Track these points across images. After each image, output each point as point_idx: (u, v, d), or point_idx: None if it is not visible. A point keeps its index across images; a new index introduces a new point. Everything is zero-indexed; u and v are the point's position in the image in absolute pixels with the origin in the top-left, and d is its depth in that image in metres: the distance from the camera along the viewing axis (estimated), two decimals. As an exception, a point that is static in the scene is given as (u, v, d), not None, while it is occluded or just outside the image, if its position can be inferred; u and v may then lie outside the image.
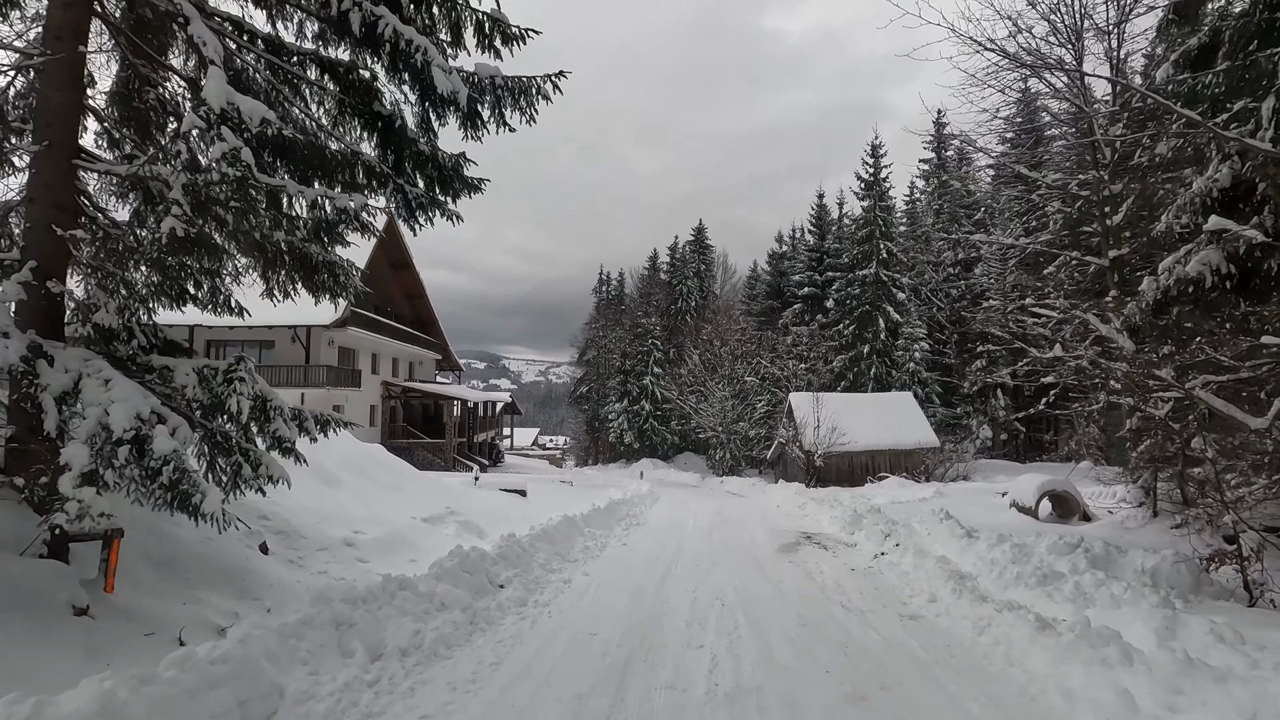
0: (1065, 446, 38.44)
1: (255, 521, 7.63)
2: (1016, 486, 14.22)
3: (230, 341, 28.40)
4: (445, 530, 11.05)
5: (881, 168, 37.38)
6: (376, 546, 8.57)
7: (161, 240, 4.72)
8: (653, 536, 12.46)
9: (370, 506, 10.65)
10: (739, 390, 39.37)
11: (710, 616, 6.34)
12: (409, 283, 38.69)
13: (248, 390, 5.32)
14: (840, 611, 6.44)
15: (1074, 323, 11.93)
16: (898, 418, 29.42)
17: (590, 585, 7.68)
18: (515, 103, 6.21)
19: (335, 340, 29.22)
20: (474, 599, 6.13)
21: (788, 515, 17.30)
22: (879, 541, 10.32)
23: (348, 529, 8.83)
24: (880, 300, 36.49)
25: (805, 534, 12.84)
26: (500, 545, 7.94)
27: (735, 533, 13.24)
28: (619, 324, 55.43)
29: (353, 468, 12.35)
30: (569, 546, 9.83)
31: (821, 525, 14.25)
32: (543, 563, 8.19)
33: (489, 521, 12.80)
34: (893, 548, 9.68)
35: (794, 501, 20.62)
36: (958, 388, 41.09)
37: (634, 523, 14.57)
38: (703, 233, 55.74)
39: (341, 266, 6.76)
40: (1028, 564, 7.02)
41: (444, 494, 14.03)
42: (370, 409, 33.47)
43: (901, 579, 7.95)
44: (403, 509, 11.34)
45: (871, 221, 36.84)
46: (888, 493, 21.65)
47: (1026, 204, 13.87)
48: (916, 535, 10.20)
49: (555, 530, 9.92)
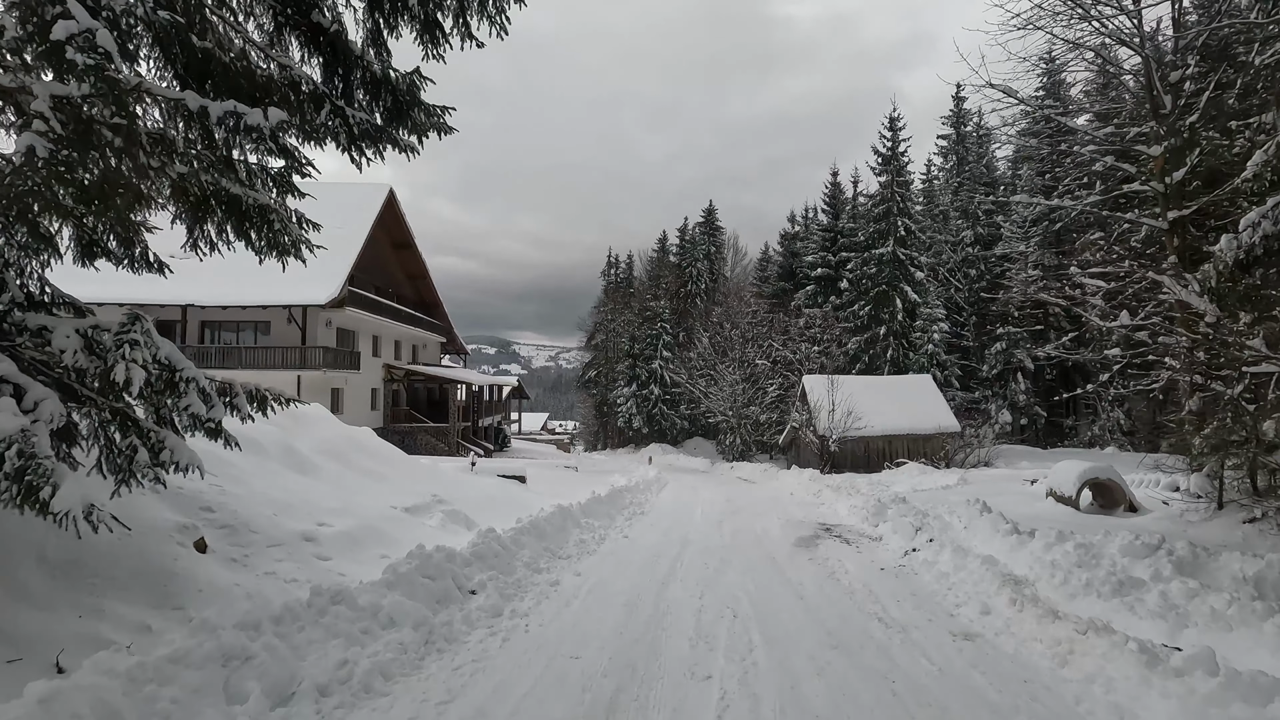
0: (1088, 431, 37.26)
1: (196, 515, 6.63)
2: (1054, 474, 13.04)
3: (225, 323, 27.56)
4: (428, 521, 10.06)
5: (900, 141, 35.83)
6: (342, 541, 7.56)
7: (15, 162, 3.66)
8: (657, 528, 11.42)
9: (345, 495, 9.67)
10: (750, 374, 38.19)
11: (720, 632, 5.28)
12: (411, 263, 37.68)
13: (143, 356, 4.26)
14: (877, 627, 5.35)
15: (1129, 290, 10.67)
16: (916, 401, 28.19)
17: (581, 589, 6.63)
18: (481, 8, 5.08)
19: (333, 321, 28.27)
20: (434, 611, 5.10)
21: (803, 504, 16.22)
22: (908, 536, 9.22)
23: (311, 521, 7.83)
24: (897, 280, 35.10)
25: (824, 525, 11.76)
26: (476, 542, 6.90)
27: (747, 523, 12.18)
28: (628, 307, 54.21)
29: (331, 453, 11.38)
30: (562, 541, 8.79)
31: (841, 515, 13.17)
32: (528, 561, 7.15)
33: (480, 511, 11.83)
34: (925, 543, 8.58)
35: (808, 489, 19.55)
36: (975, 371, 39.77)
37: (638, 512, 13.54)
38: (713, 214, 54.26)
39: (278, 214, 5.66)
40: (1097, 568, 5.91)
41: (434, 481, 13.06)
42: (371, 392, 32.60)
43: (941, 582, 6.86)
44: (383, 497, 10.35)
45: (889, 198, 35.35)
46: (908, 480, 20.52)
47: (1071, 163, 12.55)
48: (952, 529, 9.10)
49: (547, 522, 8.89)
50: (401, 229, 35.28)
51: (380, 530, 8.46)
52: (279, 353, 25.91)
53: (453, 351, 48.17)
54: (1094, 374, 37.71)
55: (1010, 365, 38.19)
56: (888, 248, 35.06)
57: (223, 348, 26.02)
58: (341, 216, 31.08)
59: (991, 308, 39.63)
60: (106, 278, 24.54)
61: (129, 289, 25.96)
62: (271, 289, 26.15)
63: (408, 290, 38.11)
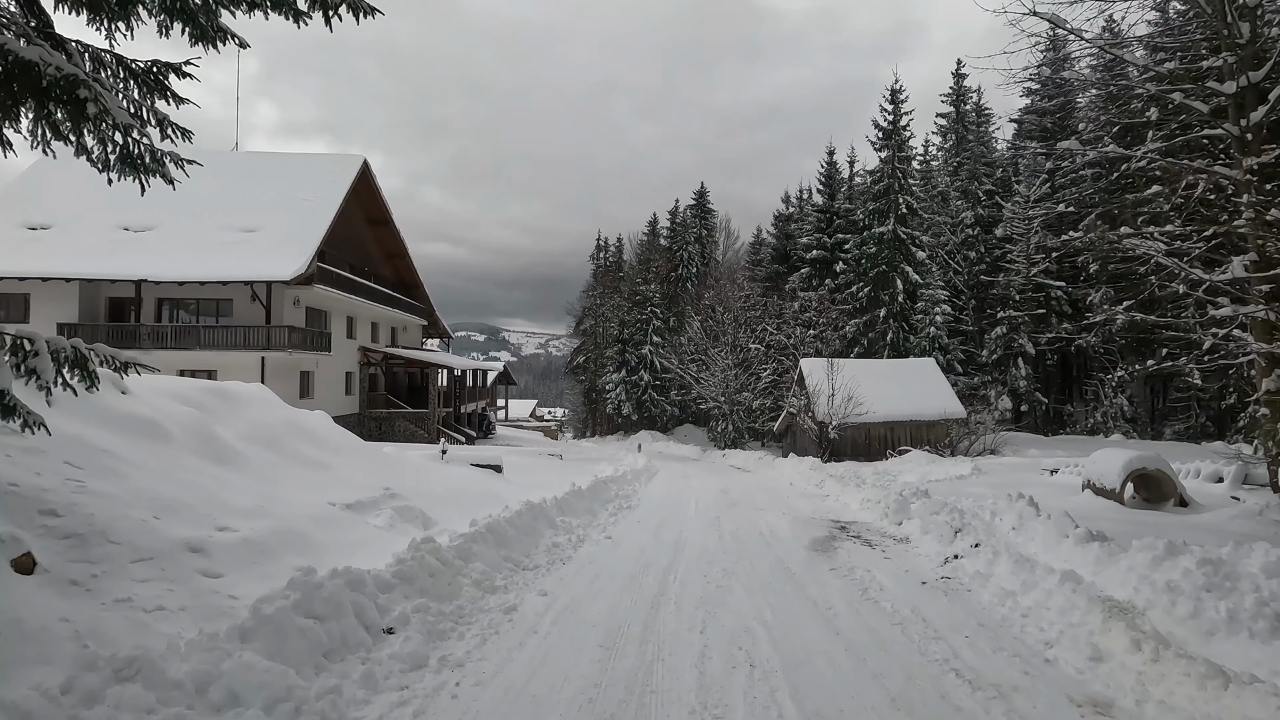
0: (1090, 419, 36.06)
1: (29, 521, 4.99)
2: (1093, 464, 11.59)
3: (184, 301, 25.64)
4: (374, 520, 8.46)
5: (901, 114, 34.12)
6: (244, 552, 5.94)
7: None
8: (646, 525, 9.88)
9: (270, 490, 8.04)
10: (742, 359, 36.68)
11: (734, 696, 3.70)
12: (389, 241, 35.78)
13: None
14: (957, 687, 3.77)
15: (1194, 253, 9.14)
16: (919, 386, 26.77)
17: (544, 618, 5.05)
18: None
19: (301, 300, 26.42)
20: (315, 671, 3.51)
21: (807, 496, 14.74)
22: (944, 538, 7.71)
23: (209, 526, 6.20)
24: (898, 260, 33.57)
25: (837, 523, 10.25)
26: (405, 557, 5.27)
27: (749, 519, 10.66)
28: (617, 291, 52.53)
29: (265, 439, 9.71)
30: (529, 546, 7.21)
31: (853, 511, 11.68)
32: (480, 578, 5.57)
33: (442, 507, 10.26)
34: (969, 549, 7.07)
35: (809, 478, 18.09)
36: (974, 356, 38.47)
37: (624, 506, 12.00)
38: (704, 196, 52.54)
39: (92, 91, 3.87)
40: (1238, 594, 4.42)
41: (392, 471, 11.44)
42: (346, 376, 30.80)
43: (1009, 605, 5.35)
44: (321, 492, 8.72)
45: (890, 174, 33.71)
46: (916, 469, 19.11)
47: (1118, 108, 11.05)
48: (998, 531, 7.59)
49: (511, 523, 7.30)
50: (378, 204, 33.37)
51: (303, 535, 6.85)
52: (240, 332, 24.09)
53: (436, 335, 46.37)
54: (1098, 359, 36.64)
55: (1011, 350, 36.87)
56: (888, 226, 33.50)
57: (179, 327, 24.16)
58: (310, 188, 29.17)
59: (992, 291, 38.32)
60: (52, 249, 22.36)
61: (77, 263, 24.13)
62: (232, 264, 24.33)
63: (386, 270, 36.21)
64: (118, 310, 25.16)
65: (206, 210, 26.90)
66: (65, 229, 25.42)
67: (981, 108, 45.64)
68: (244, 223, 26.54)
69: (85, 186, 28.05)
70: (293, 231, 25.99)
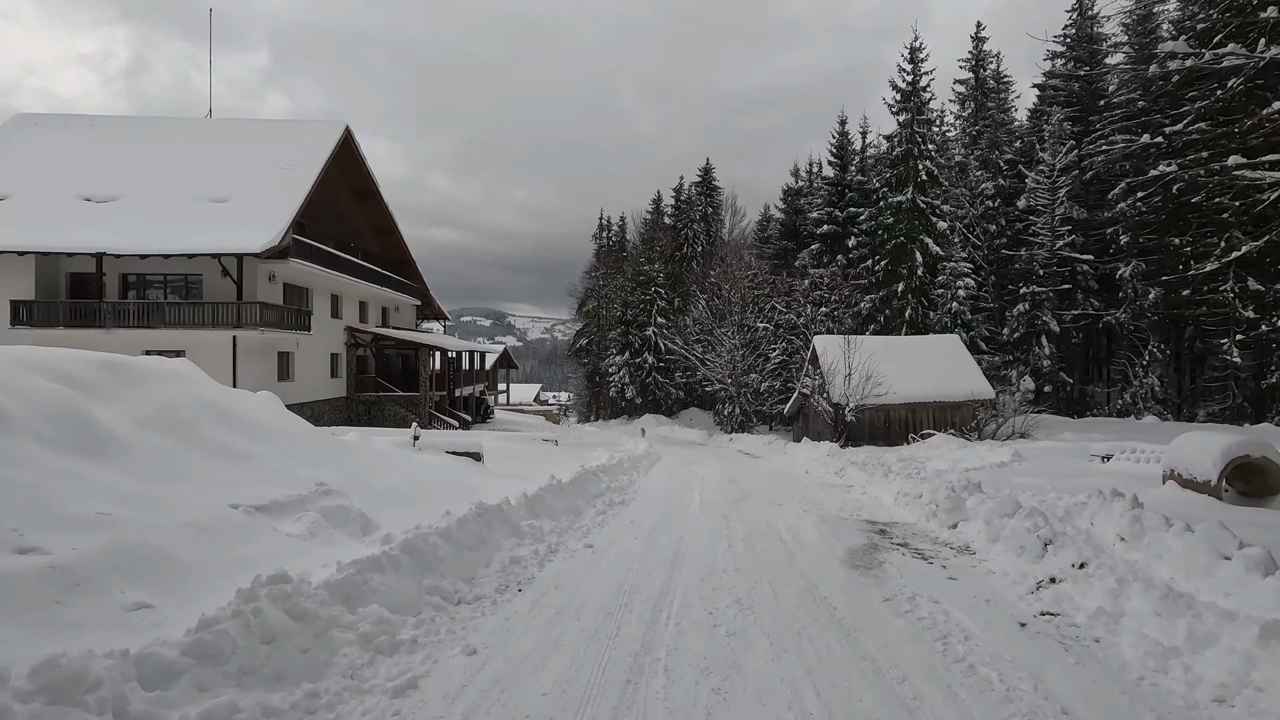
0: (1119, 399, 33.97)
1: None
2: (1177, 451, 9.65)
3: (150, 276, 23.84)
4: (288, 526, 6.66)
5: (921, 74, 31.79)
6: (43, 587, 4.11)
7: None
8: (638, 528, 8.06)
9: (148, 489, 6.24)
10: (750, 339, 34.77)
11: None
12: (376, 215, 33.85)
13: None
14: None
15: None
16: (943, 365, 24.77)
17: (454, 707, 3.18)
18: None
19: (277, 276, 24.60)
20: None
21: (827, 486, 12.89)
22: (1029, 552, 5.83)
23: (5, 546, 4.38)
24: (917, 231, 31.41)
25: (873, 524, 8.39)
26: (220, 619, 3.31)
27: (764, 518, 8.81)
28: (620, 271, 50.67)
29: (166, 424, 7.88)
30: (476, 565, 5.37)
31: (888, 507, 9.81)
32: (371, 630, 3.71)
33: (392, 505, 8.50)
34: (1071, 569, 5.20)
35: (827, 465, 16.24)
36: (995, 335, 36.42)
37: (616, 501, 10.17)
38: (710, 173, 50.34)
39: None
40: None
41: (340, 462, 9.62)
42: (331, 358, 29.04)
43: (1170, 668, 3.52)
44: (226, 491, 6.91)
45: (909, 138, 31.45)
46: (945, 455, 17.20)
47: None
48: (1102, 543, 5.70)
49: (446, 536, 5.42)
50: (362, 175, 31.43)
51: (162, 555, 5.02)
52: (209, 309, 22.30)
53: (432, 316, 44.56)
54: (1126, 337, 34.50)
55: (1034, 328, 34.76)
56: (906, 194, 31.31)
57: (142, 304, 22.35)
58: (288, 156, 27.20)
59: (1014, 266, 36.17)
60: (6, 220, 20.15)
61: (31, 235, 22.33)
62: (200, 236, 22.48)
63: (374, 245, 34.34)
64: (80, 287, 23.38)
65: (175, 179, 25.10)
66: (22, 199, 23.61)
67: (1001, 75, 43.24)
68: (215, 192, 24.66)
69: (45, 155, 26.50)
70: (267, 202, 24.10)
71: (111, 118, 30.36)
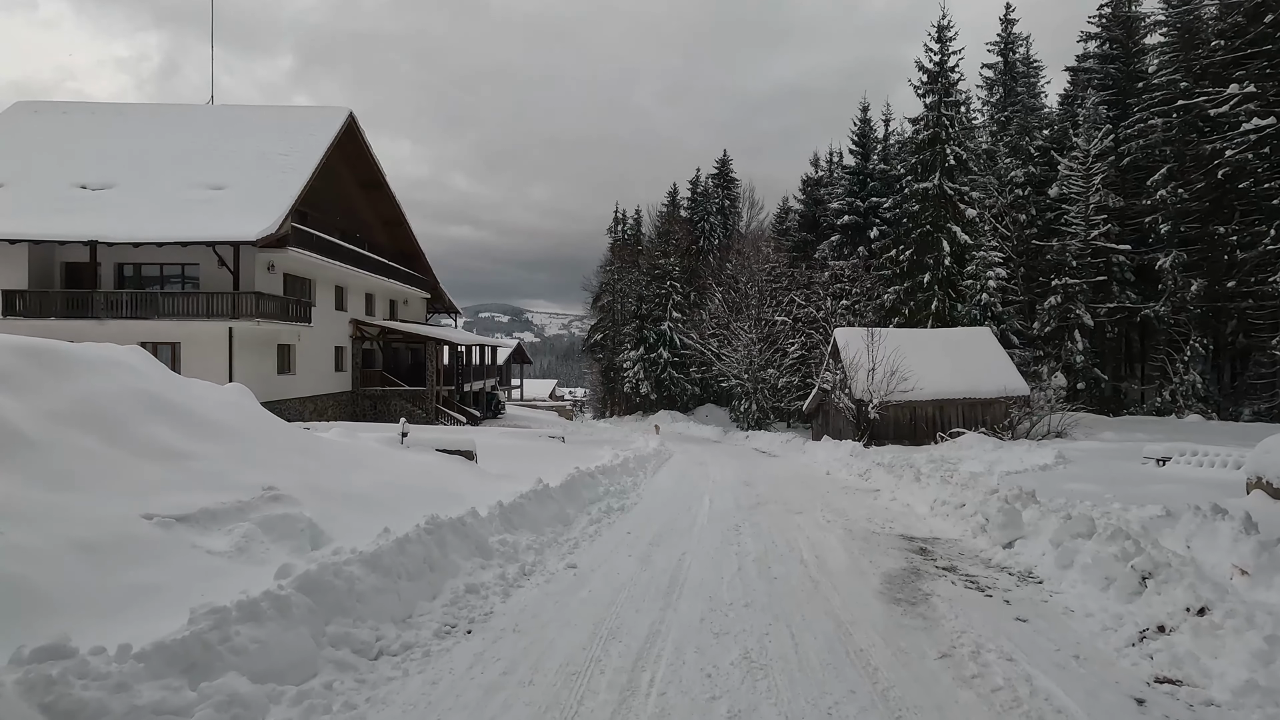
0: (1157, 397, 32.13)
1: None
2: (1268, 454, 8.30)
3: (145, 266, 23.07)
4: (212, 542, 5.64)
5: (949, 54, 30.19)
6: None
7: None
8: (635, 542, 6.93)
9: (40, 496, 5.24)
10: (767, 333, 33.45)
11: None
12: (384, 206, 32.91)
13: None
14: None
15: None
16: (974, 359, 23.32)
17: None
18: None
19: (278, 265, 23.70)
20: None
21: (851, 491, 11.65)
22: (1124, 587, 4.61)
23: None
24: (944, 219, 29.86)
25: (910, 540, 7.17)
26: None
27: (782, 531, 7.63)
28: (635, 265, 49.43)
29: (89, 419, 6.84)
30: (416, 598, 4.27)
31: (923, 516, 8.57)
32: (213, 713, 2.63)
33: (354, 513, 7.49)
34: (1184, 614, 3.97)
35: (850, 466, 14.98)
36: (1025, 329, 34.76)
37: (615, 507, 9.05)
38: (727, 165, 48.98)
39: None
40: None
41: (299, 461, 8.59)
42: (336, 351, 28.18)
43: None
44: (145, 498, 5.88)
45: (936, 121, 29.89)
46: (979, 456, 15.87)
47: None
48: (1216, 578, 4.45)
49: (372, 565, 4.27)
50: (368, 163, 30.50)
51: (24, 588, 3.97)
52: (204, 300, 21.46)
53: (442, 310, 43.66)
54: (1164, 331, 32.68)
55: (1066, 322, 32.96)
56: (933, 181, 29.77)
57: (137, 294, 21.58)
58: (289, 143, 26.32)
59: (1045, 257, 34.44)
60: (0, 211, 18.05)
61: (24, 223, 21.68)
62: (195, 224, 21.68)
63: (382, 237, 33.42)
64: (74, 277, 22.68)
65: (172, 167, 24.33)
66: (16, 187, 22.96)
67: (1030, 59, 41.36)
68: (212, 180, 23.84)
69: (42, 142, 25.87)
70: (266, 190, 23.23)
71: (112, 105, 29.73)
